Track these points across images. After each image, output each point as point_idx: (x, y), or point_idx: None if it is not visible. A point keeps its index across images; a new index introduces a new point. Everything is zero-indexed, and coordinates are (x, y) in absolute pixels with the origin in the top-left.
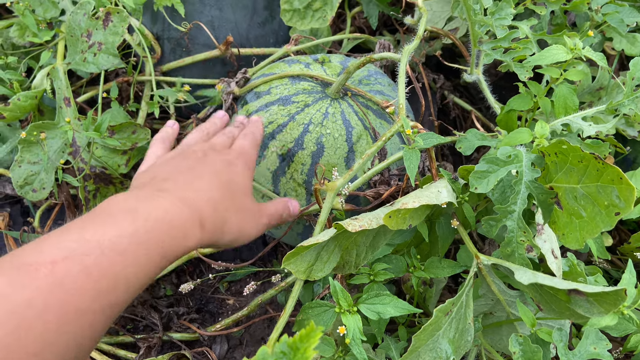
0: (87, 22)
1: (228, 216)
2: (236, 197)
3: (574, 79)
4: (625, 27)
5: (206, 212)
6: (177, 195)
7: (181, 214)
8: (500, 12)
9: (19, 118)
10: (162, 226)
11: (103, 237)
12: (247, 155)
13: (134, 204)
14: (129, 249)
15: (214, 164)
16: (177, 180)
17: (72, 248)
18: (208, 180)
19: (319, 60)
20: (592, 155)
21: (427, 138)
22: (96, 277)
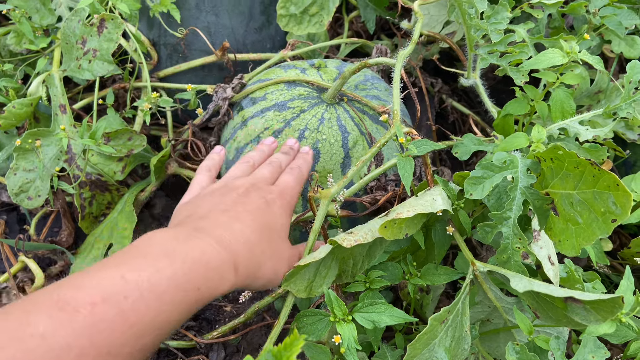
0: (82, 29)
1: (263, 260)
2: (273, 240)
3: (571, 83)
4: (624, 29)
5: (242, 255)
6: (214, 236)
7: (218, 256)
8: (496, 16)
9: (15, 125)
10: (199, 268)
11: (141, 278)
12: (289, 193)
13: (172, 245)
14: (167, 291)
15: (254, 203)
16: (215, 219)
17: (111, 289)
18: (246, 222)
19: (315, 65)
20: (588, 161)
21: (421, 145)
22: (132, 321)
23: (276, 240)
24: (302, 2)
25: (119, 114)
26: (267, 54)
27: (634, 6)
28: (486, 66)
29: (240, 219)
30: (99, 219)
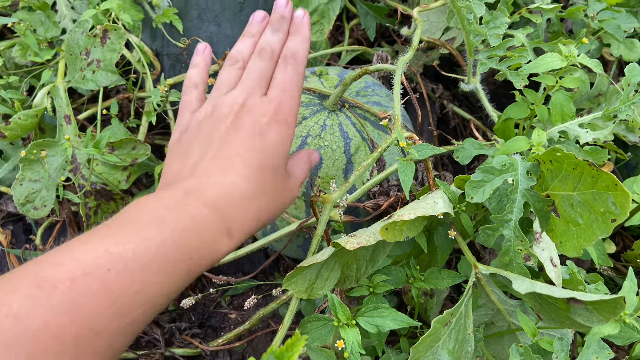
0: (85, 40)
1: (262, 208)
2: (269, 180)
3: (570, 86)
4: (623, 33)
5: (236, 217)
6: (204, 199)
7: (209, 223)
8: (495, 21)
9: (21, 137)
10: (190, 236)
11: (126, 249)
12: (287, 105)
13: (160, 212)
14: (154, 262)
15: (246, 138)
16: (204, 174)
17: (93, 262)
18: (239, 170)
19: (317, 73)
20: (586, 162)
21: (422, 149)
22: (117, 294)
23: (274, 177)
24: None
25: (123, 124)
26: None
27: (632, 9)
28: (486, 71)
29: (231, 167)
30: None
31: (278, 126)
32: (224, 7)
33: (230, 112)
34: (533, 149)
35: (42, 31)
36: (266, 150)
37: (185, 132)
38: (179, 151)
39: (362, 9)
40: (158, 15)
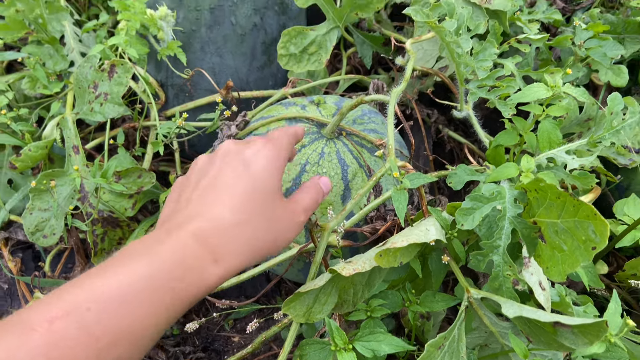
0: (94, 74)
1: (255, 235)
2: (258, 208)
3: (557, 114)
4: (609, 60)
5: (222, 245)
6: (190, 231)
7: (193, 253)
8: (484, 52)
9: (30, 167)
10: (172, 269)
11: (110, 286)
12: (275, 142)
13: (149, 247)
14: (137, 296)
15: (231, 171)
16: (195, 207)
17: (76, 301)
18: (224, 202)
19: (315, 101)
20: (568, 193)
21: (414, 179)
22: (98, 334)
23: (267, 204)
24: (301, 42)
25: (129, 153)
26: (269, 91)
27: (619, 36)
28: (476, 100)
29: (218, 199)
30: (111, 254)
31: (266, 155)
32: (225, 40)
33: (223, 147)
34: (522, 176)
35: (51, 64)
36: (254, 178)
37: (188, 173)
38: (176, 192)
39: (359, 38)
40: (163, 48)
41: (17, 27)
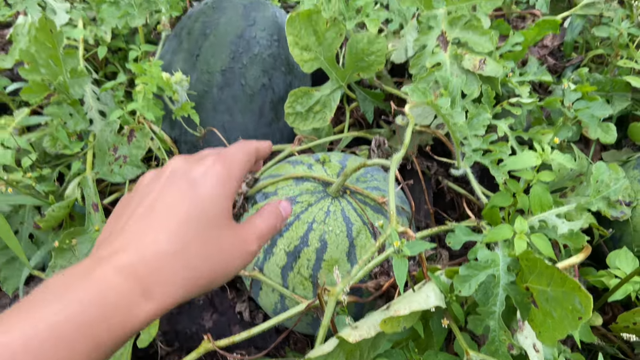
0: (114, 138)
1: (192, 265)
2: (203, 234)
3: (547, 180)
4: (597, 120)
5: (154, 276)
6: (116, 263)
7: (118, 288)
8: (478, 118)
9: (53, 227)
10: (91, 310)
11: (14, 336)
12: (228, 159)
13: (64, 288)
14: (46, 347)
15: (175, 191)
16: (128, 234)
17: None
18: (161, 227)
19: (320, 160)
20: (555, 268)
21: (414, 246)
22: None
23: (210, 230)
24: (307, 101)
25: None
26: (277, 146)
27: (607, 94)
28: (471, 164)
29: (155, 223)
30: None
31: (216, 174)
32: (235, 99)
33: (170, 165)
34: (516, 237)
35: (71, 124)
36: (199, 200)
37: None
38: (116, 214)
39: (361, 94)
40: (177, 108)
41: (40, 90)
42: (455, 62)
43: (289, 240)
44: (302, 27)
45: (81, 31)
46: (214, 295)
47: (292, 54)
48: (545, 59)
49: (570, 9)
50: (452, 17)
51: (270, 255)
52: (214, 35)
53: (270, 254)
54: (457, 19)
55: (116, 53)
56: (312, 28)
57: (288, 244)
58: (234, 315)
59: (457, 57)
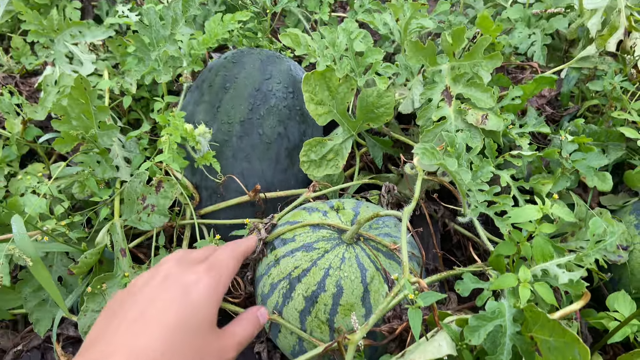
0: (142, 189)
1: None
2: (192, 339)
3: (548, 232)
4: (593, 170)
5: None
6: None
7: None
8: (482, 170)
9: (86, 272)
10: None
11: None
12: (218, 268)
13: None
14: None
15: (168, 296)
16: (120, 338)
17: None
18: (154, 333)
19: (335, 207)
20: (556, 322)
21: (426, 297)
22: None
23: (199, 336)
24: (320, 150)
25: (167, 251)
26: (292, 191)
27: (602, 144)
28: (477, 215)
29: (148, 329)
30: None
31: (210, 279)
32: (254, 148)
33: (162, 270)
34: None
35: (99, 172)
36: (191, 307)
37: (122, 296)
38: (112, 310)
39: (370, 141)
40: (199, 157)
41: (71, 140)
42: (459, 116)
43: (306, 286)
44: (317, 84)
45: (108, 82)
46: None
47: (308, 109)
48: (543, 108)
49: (566, 60)
50: (455, 74)
51: (289, 300)
52: (233, 88)
53: (289, 298)
54: (460, 76)
55: (139, 101)
56: (326, 84)
57: (306, 289)
58: (253, 355)
59: (461, 112)
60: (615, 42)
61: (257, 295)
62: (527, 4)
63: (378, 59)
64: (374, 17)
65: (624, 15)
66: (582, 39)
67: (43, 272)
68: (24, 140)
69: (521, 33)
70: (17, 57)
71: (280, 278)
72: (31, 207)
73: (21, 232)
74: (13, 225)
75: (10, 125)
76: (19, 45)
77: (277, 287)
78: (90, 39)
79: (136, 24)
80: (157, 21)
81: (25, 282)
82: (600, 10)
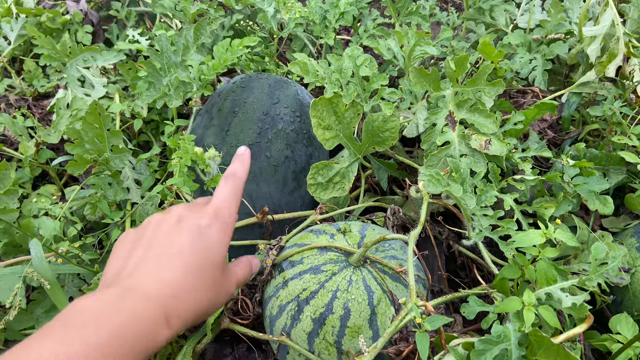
0: (154, 211)
1: (200, 299)
2: (208, 274)
3: (551, 256)
4: (595, 194)
5: (174, 307)
6: (142, 295)
7: (147, 315)
8: (486, 194)
9: None
10: (127, 332)
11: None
12: (226, 211)
13: (97, 312)
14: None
15: (186, 236)
16: (145, 272)
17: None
18: (178, 267)
19: (341, 230)
20: (559, 345)
21: (434, 321)
22: None
23: (213, 272)
24: (327, 173)
25: None
26: (299, 213)
27: (603, 167)
28: (481, 239)
29: (171, 264)
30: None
31: (219, 224)
32: (261, 170)
33: (175, 214)
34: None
35: (111, 194)
36: (206, 245)
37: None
38: (126, 249)
39: (375, 164)
40: (208, 180)
41: (83, 163)
42: (463, 141)
43: (314, 308)
44: (324, 109)
45: (119, 106)
46: (241, 357)
47: (316, 134)
48: (545, 132)
49: (567, 84)
50: (458, 100)
51: (298, 322)
52: (242, 112)
53: (298, 320)
54: (464, 102)
55: (148, 124)
56: (333, 109)
57: (314, 311)
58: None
59: (464, 137)
60: (614, 68)
61: (266, 317)
62: (528, 30)
63: (383, 84)
64: (379, 43)
65: (623, 42)
66: (582, 65)
67: (59, 294)
68: (37, 163)
69: (522, 58)
70: (29, 79)
71: (288, 300)
72: (46, 229)
73: (39, 255)
74: (31, 248)
75: (24, 148)
76: (32, 68)
77: (286, 309)
78: (102, 62)
79: (148, 49)
80: (169, 47)
81: (38, 302)
82: (599, 37)
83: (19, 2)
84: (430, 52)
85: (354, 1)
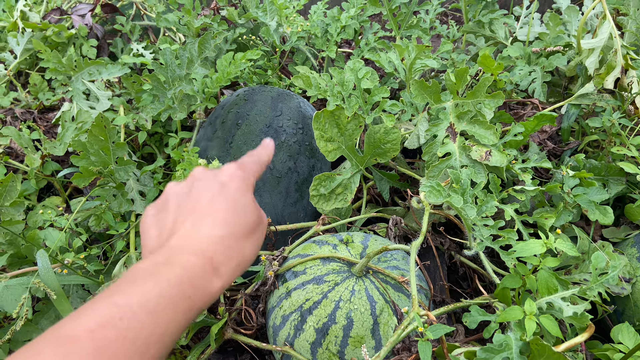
0: None
1: (241, 246)
2: (243, 218)
3: (552, 265)
4: (595, 205)
5: (218, 256)
6: (188, 250)
7: (198, 266)
8: (487, 205)
9: None
10: (184, 282)
11: (131, 300)
12: (245, 169)
13: (154, 270)
14: (158, 307)
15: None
16: (183, 232)
17: (105, 314)
18: (213, 221)
19: (344, 240)
20: (561, 354)
21: (436, 330)
22: (132, 338)
23: (246, 217)
24: (329, 185)
25: None
26: (301, 224)
27: (603, 178)
28: (483, 250)
29: (205, 219)
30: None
31: (238, 179)
32: (264, 182)
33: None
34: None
35: (115, 206)
36: (230, 196)
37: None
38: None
39: (377, 175)
40: None
41: (89, 175)
42: (464, 152)
43: (317, 318)
44: (327, 121)
45: (124, 118)
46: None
47: (318, 146)
48: (545, 143)
49: (566, 96)
50: (459, 112)
51: (301, 332)
52: (245, 124)
53: (301, 330)
54: (464, 114)
55: (152, 136)
56: (335, 122)
57: (317, 321)
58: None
59: (465, 148)
60: (612, 80)
61: (269, 327)
62: (527, 42)
63: (385, 96)
64: (380, 56)
65: (621, 54)
66: (581, 76)
67: (65, 304)
68: (42, 175)
69: (522, 70)
70: (35, 93)
71: (291, 310)
72: (52, 240)
73: (46, 266)
74: (38, 259)
75: (29, 160)
76: (37, 82)
77: (289, 319)
78: (107, 76)
79: (152, 63)
80: (173, 61)
81: (42, 313)
82: (597, 49)
83: (25, 16)
84: (430, 65)
85: (356, 15)
